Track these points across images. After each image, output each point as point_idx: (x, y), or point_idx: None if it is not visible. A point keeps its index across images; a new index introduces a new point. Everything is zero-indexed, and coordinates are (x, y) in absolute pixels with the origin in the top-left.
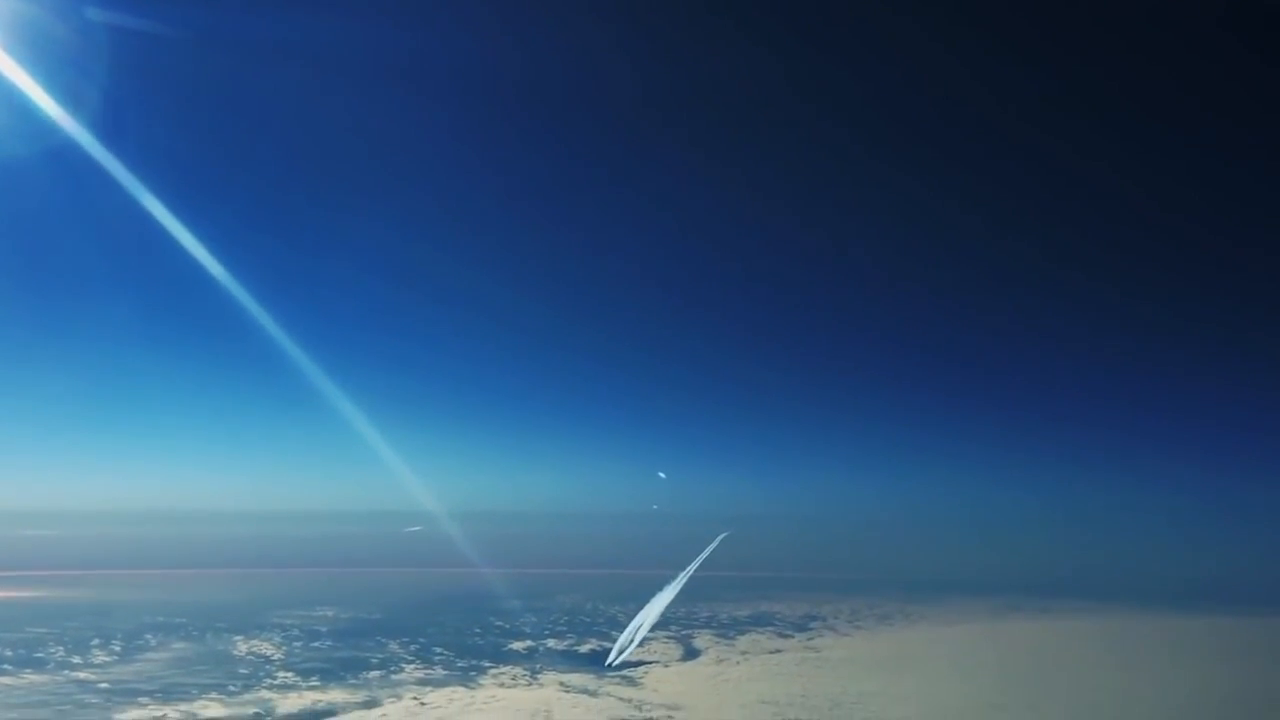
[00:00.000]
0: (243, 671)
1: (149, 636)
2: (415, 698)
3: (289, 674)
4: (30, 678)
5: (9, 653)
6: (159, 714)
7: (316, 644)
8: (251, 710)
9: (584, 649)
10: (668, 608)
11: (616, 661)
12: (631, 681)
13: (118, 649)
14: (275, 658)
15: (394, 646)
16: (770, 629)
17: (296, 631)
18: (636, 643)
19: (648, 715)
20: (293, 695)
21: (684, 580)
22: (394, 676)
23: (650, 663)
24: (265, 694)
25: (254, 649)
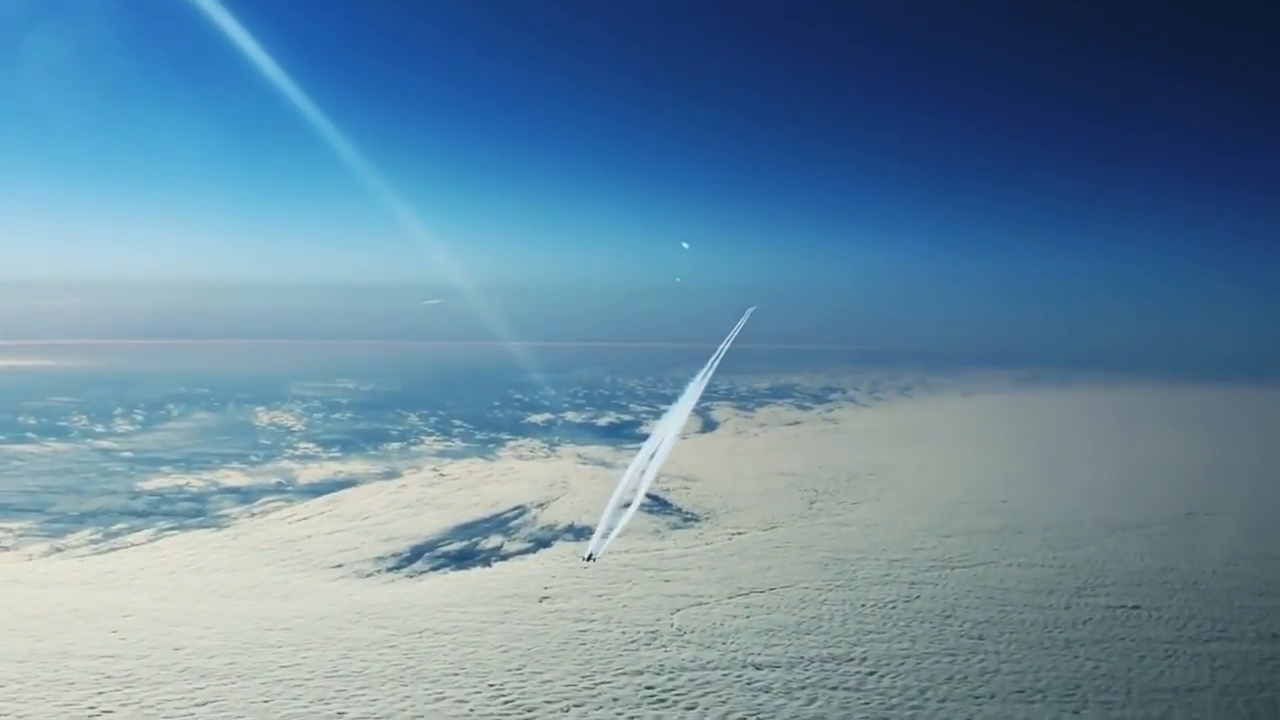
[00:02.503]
0: (264, 442)
1: (171, 406)
2: (434, 469)
3: (310, 445)
4: (54, 446)
5: (33, 421)
6: (182, 482)
7: (337, 415)
8: (273, 480)
9: (602, 422)
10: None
11: (600, 552)
12: None
13: (140, 418)
14: (296, 429)
15: (413, 419)
16: (789, 401)
17: (317, 403)
18: (634, 506)
19: (665, 487)
20: (314, 465)
21: (706, 378)
22: (413, 448)
23: None
24: (287, 464)
25: (275, 420)
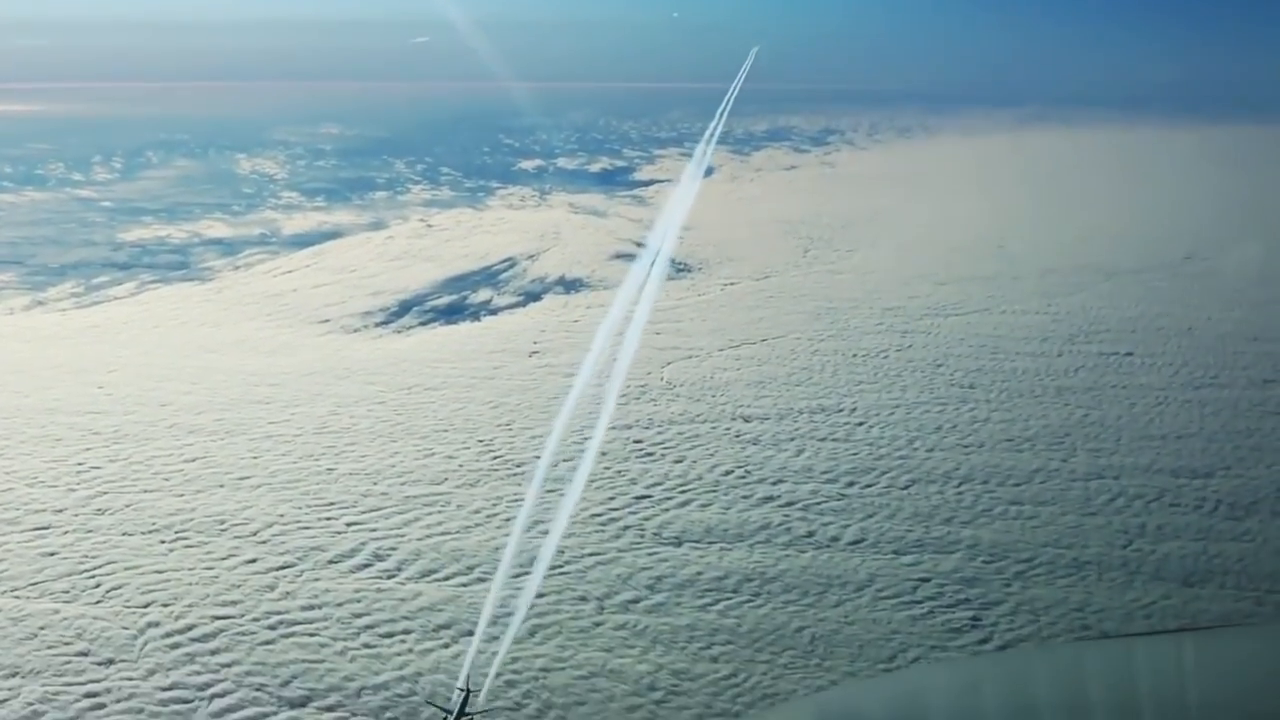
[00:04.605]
0: (246, 191)
1: (150, 154)
2: (422, 219)
3: (293, 194)
4: (32, 195)
5: (9, 169)
6: (163, 233)
7: (321, 163)
8: (257, 231)
9: (595, 168)
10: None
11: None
12: (641, 201)
13: (119, 166)
14: (279, 177)
15: (400, 166)
16: (786, 144)
17: (301, 150)
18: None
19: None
20: (298, 216)
21: (715, 135)
22: (400, 197)
23: (660, 181)
24: (270, 214)
25: (257, 167)
